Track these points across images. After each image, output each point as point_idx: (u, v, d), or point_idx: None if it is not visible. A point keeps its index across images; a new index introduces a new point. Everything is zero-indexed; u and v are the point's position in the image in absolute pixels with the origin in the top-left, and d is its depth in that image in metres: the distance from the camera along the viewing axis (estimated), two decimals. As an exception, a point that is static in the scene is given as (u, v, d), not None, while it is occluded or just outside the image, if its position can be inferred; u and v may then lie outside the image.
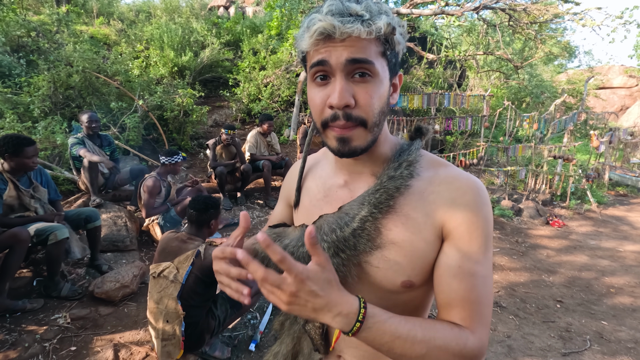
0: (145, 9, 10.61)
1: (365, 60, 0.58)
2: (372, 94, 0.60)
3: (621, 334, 2.73)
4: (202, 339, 1.98)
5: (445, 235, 0.63)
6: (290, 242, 0.72)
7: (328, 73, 0.60)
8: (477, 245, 0.62)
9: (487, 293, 0.62)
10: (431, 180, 0.66)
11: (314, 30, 0.57)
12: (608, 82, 15.96)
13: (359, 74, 0.59)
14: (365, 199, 0.66)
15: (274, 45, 7.83)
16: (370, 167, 0.70)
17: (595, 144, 6.56)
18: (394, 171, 0.66)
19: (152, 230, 3.42)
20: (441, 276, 0.63)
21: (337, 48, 0.57)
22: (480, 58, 9.69)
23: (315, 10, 0.60)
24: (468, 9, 5.99)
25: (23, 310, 2.35)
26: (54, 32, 6.46)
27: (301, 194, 0.82)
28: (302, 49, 0.62)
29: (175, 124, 5.72)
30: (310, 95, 0.64)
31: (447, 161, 0.71)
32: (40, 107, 4.51)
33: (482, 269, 0.62)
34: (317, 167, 0.83)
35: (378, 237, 0.64)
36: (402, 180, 0.65)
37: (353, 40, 0.57)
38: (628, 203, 6.95)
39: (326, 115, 0.61)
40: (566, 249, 4.46)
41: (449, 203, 0.63)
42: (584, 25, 5.92)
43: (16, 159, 2.45)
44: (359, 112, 0.60)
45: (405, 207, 0.65)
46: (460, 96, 6.26)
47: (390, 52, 0.62)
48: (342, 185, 0.74)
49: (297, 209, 0.83)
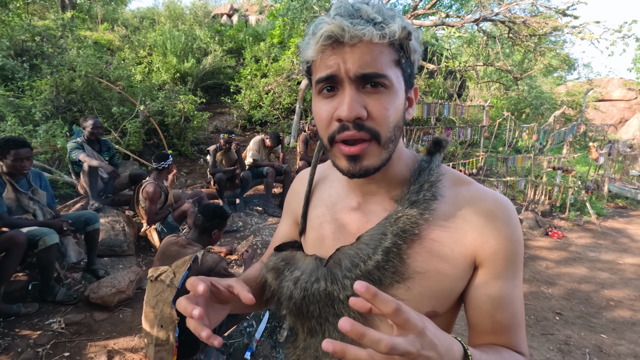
0: (149, 15, 10.74)
1: (378, 74, 0.52)
2: (386, 106, 0.53)
3: (621, 348, 2.70)
4: (196, 346, 1.96)
5: (479, 264, 0.59)
6: (301, 276, 0.65)
7: (336, 84, 0.54)
8: (513, 270, 0.59)
9: (523, 312, 0.61)
10: (455, 202, 0.61)
11: (320, 35, 0.51)
12: (607, 95, 16.06)
13: (371, 84, 0.53)
14: (387, 228, 0.60)
15: (275, 53, 7.91)
16: (386, 187, 0.64)
17: (595, 156, 6.58)
18: (416, 195, 0.60)
19: (149, 236, 3.41)
20: (480, 307, 0.59)
21: (346, 58, 0.51)
22: (480, 69, 9.77)
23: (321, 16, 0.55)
24: (468, 20, 6.07)
25: (17, 315, 2.33)
26: (58, 37, 6.53)
27: (308, 219, 0.74)
28: (306, 58, 0.56)
29: (176, 129, 5.74)
30: (316, 109, 0.57)
31: (468, 177, 0.66)
32: (42, 110, 4.53)
33: (518, 293, 0.60)
34: (324, 184, 0.75)
35: (403, 268, 0.59)
36: (426, 204, 0.59)
37: (364, 46, 0.51)
38: (627, 215, 6.94)
39: (333, 128, 0.55)
40: (565, 261, 4.44)
41: (479, 229, 0.58)
42: (582, 39, 5.99)
43: (5, 161, 2.43)
44: (372, 123, 0.53)
45: (430, 234, 0.59)
46: (460, 106, 6.29)
47: (405, 61, 0.56)
48: (354, 207, 0.66)
49: (305, 236, 0.75)
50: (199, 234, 2.10)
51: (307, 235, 0.73)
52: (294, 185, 0.83)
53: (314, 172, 0.76)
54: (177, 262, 1.90)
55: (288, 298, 0.65)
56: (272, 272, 0.70)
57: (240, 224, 4.13)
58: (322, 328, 0.64)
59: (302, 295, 0.64)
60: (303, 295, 0.63)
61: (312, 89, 0.60)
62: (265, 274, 0.72)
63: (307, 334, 0.68)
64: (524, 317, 0.61)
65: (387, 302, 0.40)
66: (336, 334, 0.62)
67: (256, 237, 3.90)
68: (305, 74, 0.62)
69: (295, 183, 0.83)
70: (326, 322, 0.64)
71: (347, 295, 0.61)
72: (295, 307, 0.65)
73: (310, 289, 0.63)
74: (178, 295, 1.85)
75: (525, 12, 6.61)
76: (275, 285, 0.69)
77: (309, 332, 0.67)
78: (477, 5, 6.82)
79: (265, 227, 4.17)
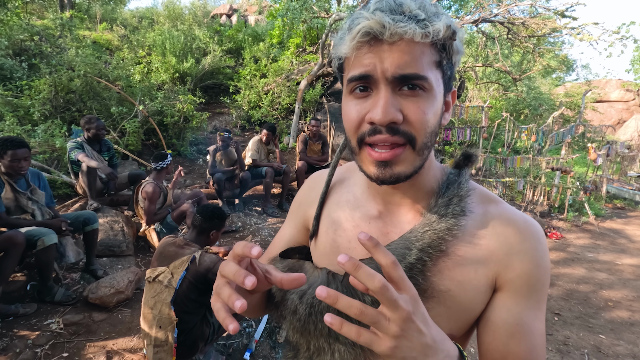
0: (148, 15, 10.73)
1: (417, 76, 0.48)
2: (425, 109, 0.49)
3: (619, 348, 2.71)
4: (195, 347, 1.96)
5: (499, 287, 0.55)
6: (308, 290, 0.59)
7: (370, 84, 0.50)
8: (536, 299, 0.55)
9: (544, 351, 0.56)
10: (483, 220, 0.57)
11: (357, 30, 0.47)
12: (605, 96, 16.11)
13: (409, 87, 0.49)
14: (412, 242, 0.55)
15: (275, 53, 7.91)
16: (412, 197, 0.59)
17: (593, 157, 6.60)
18: (445, 209, 0.56)
19: (148, 236, 3.40)
20: (494, 332, 0.55)
21: (383, 57, 0.47)
22: (479, 70, 9.79)
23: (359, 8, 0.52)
24: (467, 21, 6.08)
25: (16, 315, 2.32)
26: (57, 36, 6.52)
27: (321, 220, 0.68)
28: (339, 54, 0.52)
29: (175, 129, 5.73)
30: (346, 109, 0.53)
31: (497, 196, 0.61)
32: (41, 110, 4.52)
33: (540, 326, 0.55)
34: (342, 188, 0.69)
35: (426, 286, 0.54)
36: (455, 220, 0.55)
37: (404, 45, 0.47)
38: (625, 216, 6.96)
39: (364, 129, 0.51)
40: (564, 261, 4.45)
41: (505, 250, 0.55)
42: (581, 40, 6.01)
43: (2, 161, 2.42)
44: (408, 127, 0.50)
45: (457, 250, 0.55)
46: (459, 107, 6.30)
47: (446, 63, 0.52)
48: (375, 216, 0.62)
49: (315, 240, 0.69)
50: (197, 235, 2.09)
51: (319, 240, 0.68)
52: (305, 187, 0.77)
53: (332, 172, 0.70)
54: (174, 263, 1.90)
55: (292, 313, 0.60)
56: None
57: (240, 224, 4.12)
58: (330, 347, 0.58)
59: (308, 312, 0.58)
60: (309, 312, 0.58)
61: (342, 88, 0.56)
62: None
63: (314, 352, 0.61)
64: (544, 355, 0.56)
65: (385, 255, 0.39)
66: (347, 354, 0.57)
67: (255, 238, 3.90)
68: (336, 71, 0.58)
69: (308, 184, 0.77)
70: (336, 341, 0.57)
71: None
72: (300, 324, 0.59)
73: (318, 306, 0.58)
74: (176, 296, 1.85)
75: (524, 13, 6.63)
76: (279, 297, 0.63)
77: (316, 350, 0.61)
78: (476, 7, 6.83)
79: (265, 228, 4.16)
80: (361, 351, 0.56)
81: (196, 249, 1.98)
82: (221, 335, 2.17)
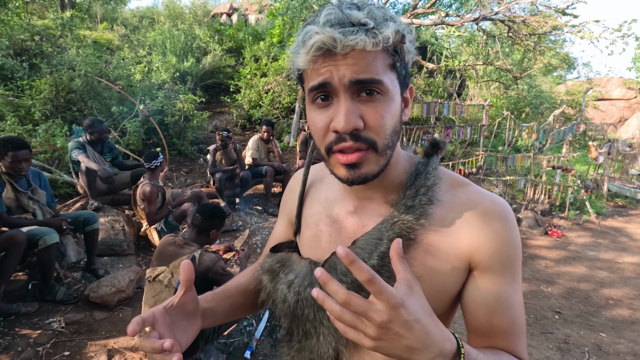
0: (148, 15, 10.73)
1: (373, 80, 0.51)
2: (382, 114, 0.52)
3: (620, 347, 2.70)
4: (196, 346, 1.96)
5: (474, 267, 0.58)
6: (295, 279, 0.65)
7: (330, 93, 0.53)
8: (510, 274, 0.58)
9: (524, 318, 0.61)
10: (451, 205, 0.60)
11: (310, 45, 0.49)
12: (607, 94, 16.07)
13: (366, 92, 0.52)
14: (383, 233, 0.59)
15: (275, 52, 7.90)
16: (383, 192, 0.63)
17: (594, 155, 6.59)
18: (412, 200, 0.60)
19: (149, 235, 3.41)
20: (477, 311, 0.59)
21: (339, 65, 0.50)
22: (480, 68, 9.77)
23: (309, 20, 0.53)
24: (468, 19, 6.06)
25: (17, 314, 2.33)
26: (57, 36, 6.52)
27: (303, 218, 0.74)
28: (297, 67, 0.54)
29: (176, 129, 5.74)
30: (311, 119, 0.56)
31: (466, 179, 0.65)
32: (42, 110, 4.52)
33: (518, 298, 0.59)
34: (320, 186, 0.74)
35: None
36: (422, 209, 0.59)
37: (357, 54, 0.49)
38: (627, 214, 6.94)
39: (330, 139, 0.54)
40: (565, 260, 4.44)
41: (475, 231, 0.58)
42: (582, 38, 5.98)
43: (3, 162, 2.43)
44: (368, 133, 0.53)
45: (426, 239, 0.59)
46: (460, 105, 6.29)
47: (400, 64, 0.54)
48: (351, 212, 0.66)
49: (299, 236, 0.74)
50: (196, 234, 2.10)
51: (303, 234, 0.73)
52: (290, 185, 0.83)
53: (307, 172, 0.76)
54: (174, 263, 1.91)
55: (282, 301, 0.66)
56: (267, 274, 0.71)
57: (240, 223, 4.13)
58: (316, 331, 0.65)
59: (296, 300, 0.64)
60: (296, 299, 0.64)
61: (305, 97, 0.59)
62: (261, 276, 0.72)
63: (302, 337, 0.68)
64: (524, 323, 0.61)
65: (362, 270, 0.41)
66: (331, 337, 0.63)
67: (256, 237, 3.91)
68: (297, 81, 0.61)
69: (292, 182, 0.83)
70: (320, 325, 0.64)
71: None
72: (290, 311, 0.65)
73: (303, 293, 0.63)
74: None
75: (524, 11, 6.61)
76: (271, 288, 0.69)
77: (304, 334, 0.67)
78: (476, 5, 6.81)
79: (265, 227, 4.17)
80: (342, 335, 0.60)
81: (196, 248, 1.99)
82: (222, 334, 2.18)
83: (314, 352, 0.65)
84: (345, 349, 0.63)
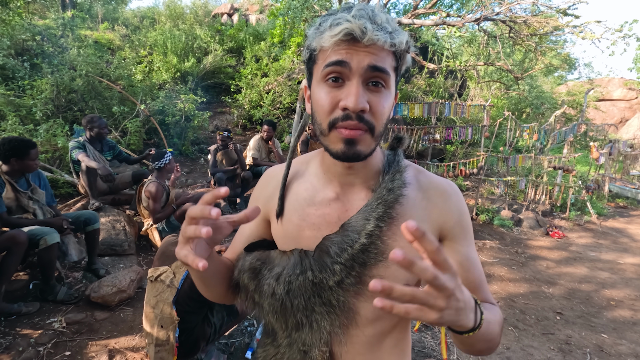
0: (149, 15, 10.73)
1: (385, 70, 0.59)
2: (384, 104, 0.61)
3: (621, 348, 2.70)
4: (197, 346, 1.96)
5: (444, 236, 0.70)
6: (283, 271, 0.67)
7: (342, 76, 0.59)
8: (470, 237, 0.72)
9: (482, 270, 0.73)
10: (419, 187, 0.71)
11: (339, 30, 0.56)
12: (608, 95, 16.04)
13: (373, 83, 0.59)
14: (369, 213, 0.66)
15: (276, 52, 7.90)
16: (363, 177, 0.71)
17: (595, 156, 6.58)
18: (391, 183, 0.68)
19: (150, 235, 3.41)
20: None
21: (359, 52, 0.57)
22: (481, 68, 9.76)
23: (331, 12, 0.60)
24: (469, 20, 6.06)
25: (18, 314, 2.33)
26: (58, 36, 6.53)
27: (285, 208, 0.75)
28: (315, 47, 0.60)
29: (177, 129, 5.74)
30: (319, 95, 0.62)
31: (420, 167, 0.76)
32: (43, 110, 4.53)
33: (477, 255, 0.73)
34: (299, 180, 0.76)
35: (384, 248, 0.65)
36: (399, 191, 0.67)
37: (375, 49, 0.57)
38: (628, 215, 6.93)
39: (336, 115, 0.60)
40: (566, 261, 4.43)
41: (440, 206, 0.70)
42: (583, 38, 5.97)
43: (21, 162, 2.48)
44: (370, 117, 0.60)
45: (404, 215, 0.67)
46: (461, 106, 6.28)
47: (398, 70, 0.63)
48: (333, 198, 0.71)
49: (281, 224, 0.74)
50: None
51: (285, 226, 0.74)
52: (260, 183, 0.83)
53: (289, 166, 0.78)
54: (176, 263, 1.91)
55: (270, 295, 0.68)
56: (248, 272, 0.70)
57: (241, 223, 4.13)
58: (308, 319, 0.68)
59: (286, 290, 0.67)
60: (287, 289, 0.66)
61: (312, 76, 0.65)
62: (239, 276, 0.71)
63: (292, 329, 0.70)
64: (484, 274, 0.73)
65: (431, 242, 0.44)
66: (325, 321, 0.67)
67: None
68: (305, 61, 0.66)
69: (264, 179, 0.83)
70: (312, 312, 0.67)
71: (336, 280, 0.65)
72: (279, 304, 0.67)
73: (294, 282, 0.66)
74: (178, 296, 1.85)
75: (526, 12, 6.60)
76: (253, 286, 0.70)
77: (294, 326, 0.70)
78: (477, 5, 6.81)
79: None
80: (336, 317, 0.67)
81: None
82: (223, 334, 2.18)
83: (307, 342, 0.68)
84: (340, 329, 0.68)
